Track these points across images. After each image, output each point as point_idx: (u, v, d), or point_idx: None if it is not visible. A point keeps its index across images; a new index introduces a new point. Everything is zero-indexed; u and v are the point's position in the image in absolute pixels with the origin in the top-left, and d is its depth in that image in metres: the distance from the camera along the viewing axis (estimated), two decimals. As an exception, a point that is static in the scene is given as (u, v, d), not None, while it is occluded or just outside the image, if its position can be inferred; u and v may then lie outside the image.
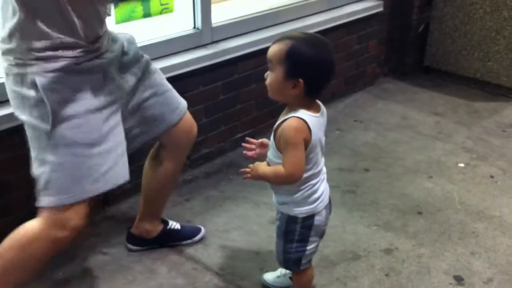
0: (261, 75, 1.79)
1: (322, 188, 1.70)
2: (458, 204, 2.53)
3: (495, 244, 2.28)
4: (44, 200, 1.64)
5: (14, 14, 1.52)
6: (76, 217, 1.67)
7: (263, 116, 3.01)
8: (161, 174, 2.08)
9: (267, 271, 2.07)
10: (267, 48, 1.60)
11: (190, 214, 2.36)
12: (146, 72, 1.89)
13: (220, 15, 2.76)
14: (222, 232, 2.34)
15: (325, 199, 1.72)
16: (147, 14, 2.67)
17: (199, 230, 2.29)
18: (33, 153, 1.65)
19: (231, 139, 2.93)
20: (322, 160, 1.69)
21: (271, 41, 2.75)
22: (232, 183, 2.69)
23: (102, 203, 2.46)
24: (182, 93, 2.57)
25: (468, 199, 2.56)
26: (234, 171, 2.78)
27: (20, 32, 1.54)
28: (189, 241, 2.26)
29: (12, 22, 1.53)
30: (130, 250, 2.23)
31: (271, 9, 3.02)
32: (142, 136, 1.92)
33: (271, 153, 1.66)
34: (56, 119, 1.58)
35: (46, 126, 1.58)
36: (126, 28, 2.07)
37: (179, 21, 2.68)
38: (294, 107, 1.58)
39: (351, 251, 2.23)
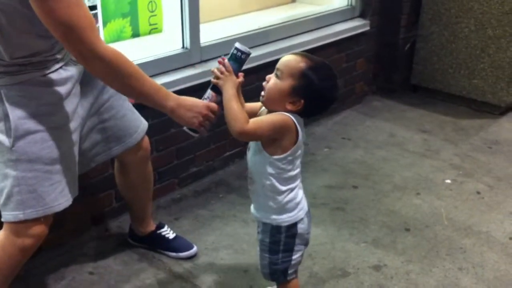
0: (250, 93, 1.81)
1: (301, 194, 1.72)
2: (446, 220, 2.54)
3: (482, 260, 2.29)
4: (6, 216, 1.67)
5: None
6: (39, 225, 1.69)
7: (252, 135, 3.02)
8: (129, 183, 2.16)
9: (256, 289, 2.07)
10: (255, 67, 1.63)
11: (179, 233, 2.35)
12: (106, 92, 1.89)
13: (208, 35, 2.79)
14: (211, 251, 2.33)
15: (304, 206, 1.73)
16: (136, 34, 2.69)
17: (189, 248, 2.29)
18: None
19: (220, 157, 2.93)
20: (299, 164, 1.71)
21: (260, 60, 2.85)
22: (221, 201, 2.69)
23: (90, 222, 2.45)
24: (170, 112, 2.61)
25: (456, 215, 2.58)
26: (223, 189, 2.78)
27: None
28: (174, 254, 2.27)
29: None
30: (129, 242, 2.34)
31: (260, 28, 3.05)
32: (100, 156, 1.94)
33: (252, 149, 1.68)
34: (19, 134, 1.60)
35: (9, 141, 1.59)
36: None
37: (168, 41, 2.70)
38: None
39: (340, 268, 2.24)
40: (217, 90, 1.68)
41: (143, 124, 2.04)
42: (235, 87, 1.61)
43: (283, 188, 1.65)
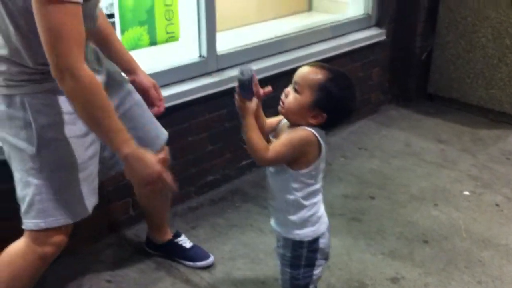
0: (266, 102, 1.80)
1: (322, 207, 1.71)
2: (464, 232, 2.52)
3: (501, 273, 2.26)
4: (27, 224, 1.67)
5: (6, 44, 1.54)
6: (59, 234, 1.70)
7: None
8: (147, 192, 2.13)
9: (273, 300, 2.06)
10: (271, 76, 1.61)
11: (196, 242, 2.35)
12: (127, 102, 1.89)
13: (225, 43, 2.79)
14: (228, 260, 2.32)
15: (326, 220, 1.72)
16: (153, 42, 2.70)
17: (206, 257, 2.29)
18: (16, 175, 1.67)
19: (236, 166, 2.93)
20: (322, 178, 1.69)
21: (276, 69, 2.85)
22: (237, 210, 2.68)
23: (107, 230, 2.45)
24: (187, 121, 2.62)
25: (474, 227, 2.55)
26: (240, 198, 2.78)
27: (11, 59, 1.56)
28: (191, 263, 2.27)
29: (4, 51, 1.55)
30: (146, 251, 2.34)
31: (276, 37, 3.05)
32: (119, 164, 1.88)
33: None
34: (42, 143, 1.60)
35: (32, 149, 1.60)
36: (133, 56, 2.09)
37: (184, 49, 2.71)
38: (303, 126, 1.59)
39: (357, 280, 2.22)
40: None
41: (163, 134, 2.03)
42: (251, 114, 1.59)
43: (306, 202, 1.64)
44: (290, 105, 1.58)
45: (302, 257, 1.70)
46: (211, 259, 2.28)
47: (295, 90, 1.57)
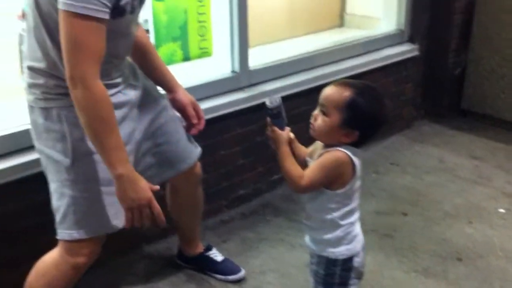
0: (297, 117, 1.81)
1: (358, 226, 1.69)
2: (499, 251, 2.47)
3: (539, 293, 2.21)
4: (61, 234, 1.71)
5: (44, 57, 1.59)
6: (92, 245, 1.73)
7: (299, 158, 3.02)
8: (179, 206, 2.19)
9: (303, 316, 2.05)
10: (303, 91, 1.61)
11: (227, 255, 2.35)
12: (162, 117, 1.92)
13: (257, 59, 2.81)
14: (259, 274, 2.32)
15: (361, 239, 1.70)
16: (186, 58, 2.74)
17: (237, 271, 2.29)
18: (52, 186, 1.71)
19: (267, 180, 2.93)
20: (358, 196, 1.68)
21: (307, 84, 2.86)
22: (268, 224, 2.68)
23: (138, 242, 2.48)
24: (219, 135, 2.64)
25: (510, 246, 2.50)
26: (271, 212, 2.78)
27: (49, 73, 1.60)
28: (222, 277, 2.27)
29: (42, 64, 1.59)
30: (177, 263, 2.36)
31: (308, 52, 3.06)
32: (152, 179, 1.89)
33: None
34: (77, 155, 1.64)
35: (67, 161, 1.63)
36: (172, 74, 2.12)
37: (217, 65, 2.74)
38: (336, 146, 1.58)
39: (390, 297, 2.19)
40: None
41: (197, 150, 2.06)
42: (285, 142, 1.60)
43: (343, 222, 1.63)
44: (321, 128, 1.57)
45: (335, 275, 1.69)
46: (242, 273, 2.28)
47: (323, 113, 1.56)
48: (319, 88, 1.61)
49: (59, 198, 1.69)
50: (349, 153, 1.55)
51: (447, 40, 3.71)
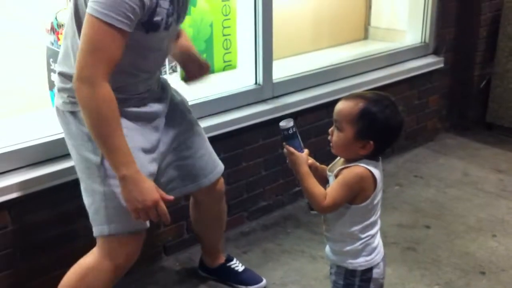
0: (320, 129, 1.82)
1: (378, 238, 1.70)
2: (524, 265, 2.44)
3: None
4: (95, 230, 1.73)
5: (75, 64, 1.61)
6: (129, 245, 1.75)
7: (322, 170, 3.02)
8: (201, 219, 2.21)
9: (324, 328, 2.05)
10: (326, 103, 1.62)
11: (247, 267, 2.37)
12: (188, 131, 1.94)
13: (280, 71, 2.84)
14: (279, 286, 2.33)
15: (381, 251, 1.70)
16: (211, 71, 2.77)
17: (258, 281, 2.30)
18: (82, 184, 1.75)
19: (289, 192, 2.95)
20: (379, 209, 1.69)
21: (331, 96, 2.87)
22: (289, 236, 2.69)
23: (161, 252, 2.51)
24: (242, 147, 2.67)
25: (535, 260, 2.47)
26: (292, 224, 2.79)
27: None
28: (244, 287, 2.29)
29: (72, 70, 1.61)
30: (200, 274, 2.38)
31: (331, 65, 3.08)
32: (174, 191, 1.93)
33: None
34: None
35: (97, 159, 1.67)
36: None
37: (241, 77, 2.77)
38: (356, 159, 1.59)
39: (411, 310, 2.18)
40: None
41: (219, 166, 2.07)
42: (304, 163, 1.60)
43: (363, 235, 1.63)
44: (337, 144, 1.58)
45: (354, 286, 1.69)
46: (263, 282, 2.30)
47: (337, 128, 1.58)
48: (342, 100, 1.61)
49: (91, 195, 1.72)
50: (368, 167, 1.56)
51: (472, 53, 3.69)
